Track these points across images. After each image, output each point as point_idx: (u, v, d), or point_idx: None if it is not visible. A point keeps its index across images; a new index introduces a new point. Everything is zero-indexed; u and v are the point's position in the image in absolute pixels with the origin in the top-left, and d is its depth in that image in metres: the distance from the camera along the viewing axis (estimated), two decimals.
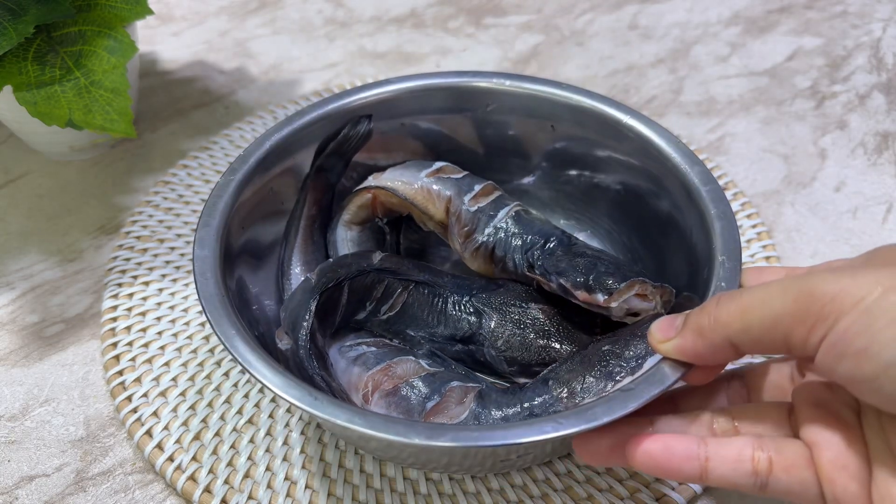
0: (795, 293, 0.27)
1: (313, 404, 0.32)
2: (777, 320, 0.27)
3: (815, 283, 0.26)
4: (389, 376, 0.40)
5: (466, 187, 0.46)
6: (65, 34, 0.53)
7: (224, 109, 0.69)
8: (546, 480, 0.42)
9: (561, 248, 0.42)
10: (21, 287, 0.54)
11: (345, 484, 0.43)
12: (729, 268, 0.37)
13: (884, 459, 0.27)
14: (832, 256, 0.55)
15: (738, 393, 0.35)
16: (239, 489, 0.42)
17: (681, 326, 0.31)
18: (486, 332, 0.43)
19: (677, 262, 0.44)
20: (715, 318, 0.29)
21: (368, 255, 0.44)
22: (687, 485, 0.42)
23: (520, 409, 0.37)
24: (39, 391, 0.48)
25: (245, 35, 0.79)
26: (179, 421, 0.45)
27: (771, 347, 0.28)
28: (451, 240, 0.46)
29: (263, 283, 0.46)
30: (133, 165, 0.64)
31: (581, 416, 0.31)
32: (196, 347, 0.49)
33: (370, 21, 0.81)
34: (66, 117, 0.52)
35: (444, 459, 0.38)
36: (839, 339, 0.25)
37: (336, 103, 0.48)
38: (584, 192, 0.51)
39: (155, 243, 0.56)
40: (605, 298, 0.38)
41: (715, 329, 0.29)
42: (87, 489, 0.43)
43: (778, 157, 0.63)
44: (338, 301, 0.42)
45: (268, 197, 0.47)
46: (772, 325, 0.27)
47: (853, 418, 0.29)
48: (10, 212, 0.60)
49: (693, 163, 0.43)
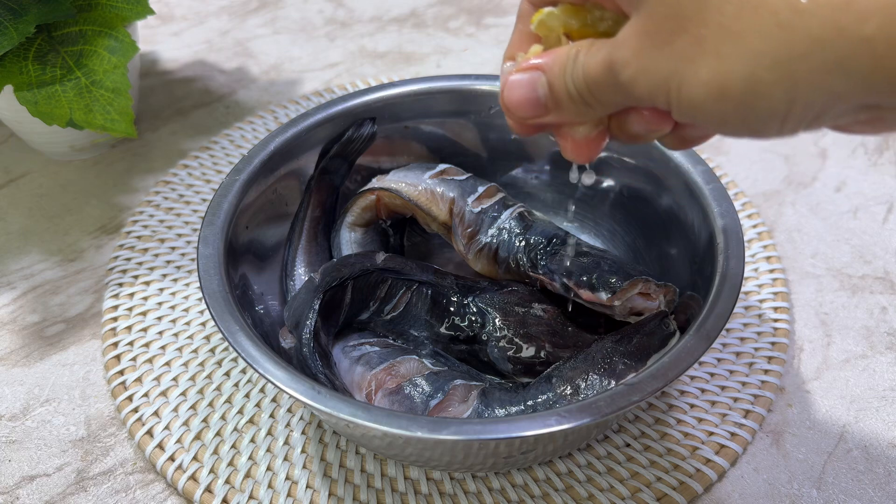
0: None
1: (316, 398, 0.32)
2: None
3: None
4: (393, 375, 0.40)
5: (470, 189, 0.46)
6: (66, 34, 0.53)
7: (224, 109, 0.69)
8: (547, 480, 0.42)
9: (564, 249, 0.42)
10: (22, 287, 0.54)
11: (346, 484, 0.43)
12: (732, 265, 0.37)
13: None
14: (833, 256, 0.55)
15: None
16: (240, 489, 0.42)
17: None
18: (489, 332, 0.43)
19: (680, 261, 0.44)
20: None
21: (372, 256, 0.44)
22: (688, 485, 0.42)
23: (523, 407, 0.37)
24: (40, 391, 0.48)
25: (245, 35, 0.79)
26: (180, 421, 0.45)
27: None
28: (455, 241, 0.46)
29: (267, 284, 0.46)
30: (133, 165, 0.64)
31: (585, 411, 0.31)
32: (197, 347, 0.49)
33: (371, 21, 0.81)
34: (67, 117, 0.52)
35: (445, 457, 0.38)
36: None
37: (339, 106, 0.48)
38: (588, 193, 0.51)
39: (156, 243, 0.56)
40: (608, 297, 0.38)
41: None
42: (88, 489, 0.43)
43: (779, 157, 0.63)
44: (341, 301, 0.42)
45: (272, 199, 0.47)
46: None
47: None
48: (11, 212, 0.60)
49: (696, 162, 0.43)
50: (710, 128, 0.24)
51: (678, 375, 0.32)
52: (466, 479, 0.42)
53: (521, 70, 0.28)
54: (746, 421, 0.45)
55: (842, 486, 0.42)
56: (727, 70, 0.21)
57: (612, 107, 0.27)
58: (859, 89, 0.20)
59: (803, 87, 0.21)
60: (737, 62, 0.21)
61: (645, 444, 0.44)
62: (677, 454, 0.43)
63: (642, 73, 0.24)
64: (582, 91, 0.26)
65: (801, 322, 0.51)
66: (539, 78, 0.28)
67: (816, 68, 0.20)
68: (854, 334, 0.50)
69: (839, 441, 0.44)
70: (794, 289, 0.53)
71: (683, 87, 0.23)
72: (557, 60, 0.27)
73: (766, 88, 0.21)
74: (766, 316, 0.50)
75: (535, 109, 0.28)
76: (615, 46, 0.25)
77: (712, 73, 0.22)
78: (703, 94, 0.22)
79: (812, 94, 0.21)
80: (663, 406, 0.46)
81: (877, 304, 0.51)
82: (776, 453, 0.44)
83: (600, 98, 0.26)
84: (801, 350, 0.49)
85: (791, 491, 0.42)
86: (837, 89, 0.20)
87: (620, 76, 0.25)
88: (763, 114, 0.22)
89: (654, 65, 0.23)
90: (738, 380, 0.47)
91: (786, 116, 0.22)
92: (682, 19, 0.22)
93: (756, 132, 0.23)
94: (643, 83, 0.24)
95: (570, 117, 0.28)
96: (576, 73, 0.26)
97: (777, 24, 0.20)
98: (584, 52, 0.26)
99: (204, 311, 0.51)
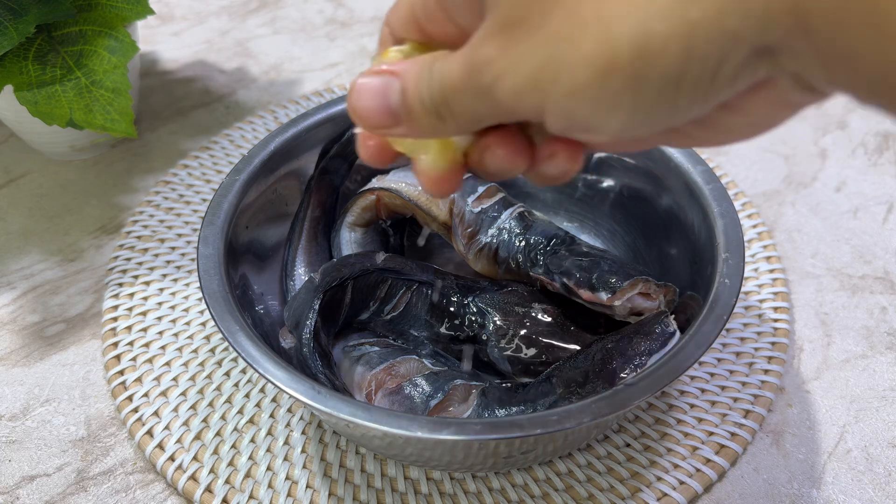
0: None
1: (316, 398, 0.32)
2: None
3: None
4: (393, 375, 0.40)
5: (470, 189, 0.46)
6: (66, 34, 0.53)
7: (225, 109, 0.69)
8: (547, 480, 0.42)
9: (564, 249, 0.42)
10: (22, 287, 0.54)
11: (346, 483, 0.43)
12: (732, 265, 0.37)
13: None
14: (833, 256, 0.55)
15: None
16: (240, 489, 0.42)
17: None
18: (489, 332, 0.43)
19: (680, 261, 0.44)
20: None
21: (372, 256, 0.44)
22: (688, 484, 0.42)
23: (523, 407, 0.37)
24: (40, 391, 0.48)
25: (246, 35, 0.79)
26: (180, 421, 0.45)
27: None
28: (455, 241, 0.46)
29: (267, 284, 0.46)
30: (133, 165, 0.64)
31: (585, 411, 0.31)
32: (197, 347, 0.49)
33: (371, 21, 0.81)
34: (67, 117, 0.52)
35: (445, 457, 0.38)
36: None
37: (340, 106, 0.48)
38: (587, 193, 0.51)
39: (156, 243, 0.56)
40: (608, 297, 0.38)
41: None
42: (88, 489, 0.43)
43: (779, 157, 0.63)
44: (341, 301, 0.42)
45: (272, 199, 0.47)
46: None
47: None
48: (11, 212, 0.60)
49: (696, 162, 0.43)
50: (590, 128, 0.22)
51: (678, 375, 0.32)
52: (466, 479, 0.42)
53: (373, 73, 0.25)
54: (746, 421, 0.45)
55: (842, 486, 0.42)
56: (614, 35, 0.19)
57: (467, 121, 0.24)
58: (755, 26, 0.18)
59: (698, 30, 0.18)
60: (624, 22, 0.19)
61: (645, 444, 0.44)
62: (677, 454, 0.43)
63: (509, 69, 0.21)
64: (437, 100, 0.24)
65: (801, 322, 0.51)
66: (392, 83, 0.25)
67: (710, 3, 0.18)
68: (854, 334, 0.50)
69: (839, 441, 0.44)
70: (794, 289, 0.53)
71: (563, 73, 0.20)
72: (414, 66, 0.25)
73: (660, 44, 0.19)
74: (766, 316, 0.50)
75: (385, 118, 0.25)
76: (475, 47, 0.22)
77: (596, 44, 0.19)
78: (587, 75, 0.20)
79: (708, 39, 0.19)
80: (663, 406, 0.46)
81: (877, 304, 0.52)
82: (776, 453, 0.44)
83: (455, 109, 0.24)
84: (801, 350, 0.49)
85: (791, 491, 0.42)
86: (732, 26, 0.18)
87: (483, 78, 0.22)
88: (657, 81, 0.19)
89: (523, 56, 0.21)
90: (738, 380, 0.47)
91: (680, 78, 0.19)
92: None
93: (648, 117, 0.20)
94: (509, 82, 0.21)
95: (423, 132, 0.26)
96: (432, 79, 0.24)
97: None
98: (442, 58, 0.24)
99: (204, 311, 0.51)
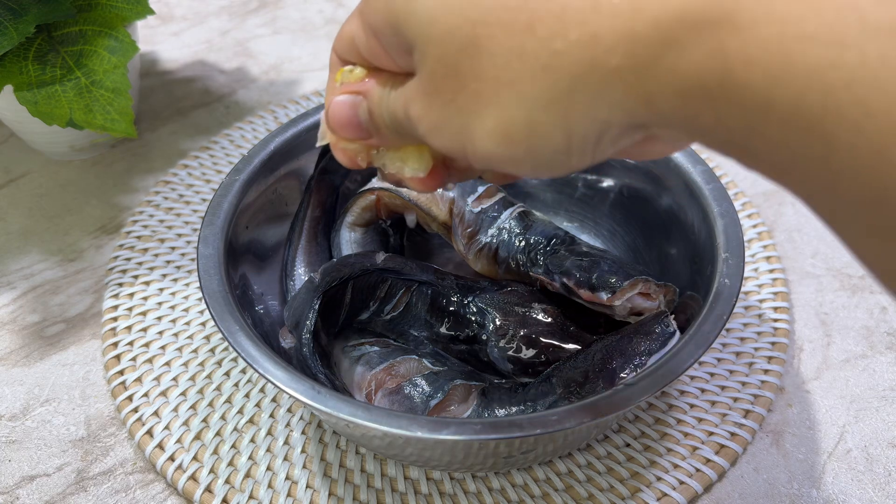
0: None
1: (316, 398, 0.32)
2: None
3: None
4: (392, 375, 0.40)
5: (470, 189, 0.46)
6: (65, 34, 0.53)
7: (224, 109, 0.69)
8: (547, 480, 0.42)
9: (564, 249, 0.42)
10: (22, 287, 0.54)
11: (346, 483, 0.43)
12: (732, 265, 0.37)
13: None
14: (833, 256, 0.55)
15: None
16: (240, 489, 0.42)
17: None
18: (489, 332, 0.43)
19: (680, 261, 0.44)
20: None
21: (372, 255, 0.44)
22: (688, 484, 0.42)
23: (523, 407, 0.37)
24: (40, 391, 0.48)
25: (245, 35, 0.79)
26: (180, 421, 0.45)
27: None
28: (455, 241, 0.46)
29: (267, 284, 0.46)
30: (133, 165, 0.64)
31: (585, 411, 0.31)
32: (197, 347, 0.49)
33: None
34: (67, 117, 0.52)
35: (446, 457, 0.38)
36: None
37: None
38: (587, 193, 0.51)
39: (156, 243, 0.56)
40: (608, 297, 0.38)
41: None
42: (88, 489, 0.43)
43: None
44: (341, 300, 0.42)
45: (272, 199, 0.47)
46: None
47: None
48: (11, 212, 0.60)
49: (695, 162, 0.43)
50: (508, 171, 0.25)
51: (678, 375, 0.32)
52: (466, 479, 0.42)
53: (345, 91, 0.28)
54: (746, 421, 0.45)
55: (842, 486, 0.42)
56: (509, 117, 0.22)
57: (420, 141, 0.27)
58: (621, 114, 0.21)
59: (575, 120, 0.22)
60: (515, 109, 0.22)
61: (645, 444, 0.44)
62: (677, 454, 0.43)
63: (435, 130, 0.25)
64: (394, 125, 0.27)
65: (801, 322, 0.51)
66: (361, 103, 0.28)
67: (582, 101, 0.21)
68: (854, 334, 0.50)
69: (839, 441, 0.44)
70: (794, 289, 0.53)
71: (475, 140, 0.23)
72: (375, 89, 0.28)
73: (544, 127, 0.22)
74: (766, 316, 0.50)
75: (358, 132, 0.29)
76: (409, 100, 0.25)
77: (496, 122, 0.23)
78: (492, 143, 0.23)
79: (584, 126, 0.22)
80: (663, 406, 0.46)
81: (877, 304, 0.52)
82: (776, 453, 0.44)
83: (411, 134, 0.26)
84: (801, 350, 0.49)
85: (791, 491, 0.42)
86: (603, 117, 0.22)
87: (417, 128, 0.25)
88: (548, 151, 0.23)
89: (442, 123, 0.24)
90: (738, 380, 0.47)
91: (569, 150, 0.23)
92: (460, 76, 0.23)
93: (550, 169, 0.24)
94: (436, 139, 0.25)
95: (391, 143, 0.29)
96: (389, 107, 0.27)
97: (541, 68, 0.21)
98: (392, 91, 0.27)
99: (204, 311, 0.51)
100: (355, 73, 0.29)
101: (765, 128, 0.19)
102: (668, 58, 0.20)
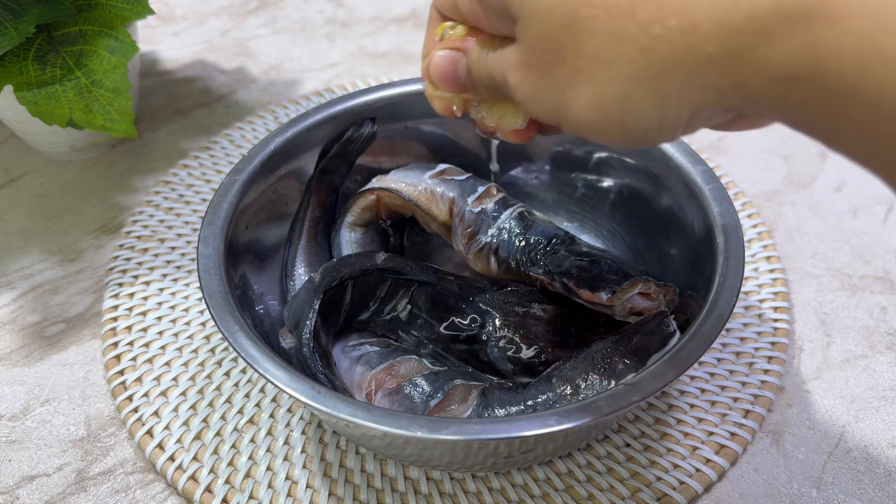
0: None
1: (316, 398, 0.32)
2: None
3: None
4: (392, 375, 0.40)
5: (470, 189, 0.46)
6: (65, 34, 0.53)
7: (224, 109, 0.69)
8: (547, 480, 0.42)
9: (564, 249, 0.42)
10: (22, 287, 0.54)
11: (346, 483, 0.43)
12: (732, 265, 0.37)
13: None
14: (833, 256, 0.55)
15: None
16: (240, 489, 0.42)
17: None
18: (489, 332, 0.43)
19: (680, 261, 0.44)
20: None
21: (372, 255, 0.44)
22: (688, 484, 0.42)
23: (523, 407, 0.37)
24: (40, 391, 0.48)
25: (245, 35, 0.79)
26: (180, 421, 0.45)
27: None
28: (455, 241, 0.46)
29: (267, 284, 0.46)
30: (133, 165, 0.64)
31: (585, 411, 0.31)
32: (197, 347, 0.49)
33: (371, 21, 0.81)
34: (67, 117, 0.52)
35: (446, 457, 0.38)
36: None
37: (339, 106, 0.48)
38: (587, 193, 0.51)
39: (156, 243, 0.56)
40: (608, 297, 0.38)
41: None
42: (88, 489, 0.43)
43: (779, 158, 0.63)
44: (341, 301, 0.42)
45: (272, 199, 0.47)
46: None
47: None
48: (11, 212, 0.60)
49: (695, 162, 0.43)
50: (598, 141, 0.27)
51: (678, 375, 0.32)
52: (466, 479, 0.42)
53: (446, 47, 0.30)
54: (746, 421, 0.45)
55: (842, 486, 0.42)
56: (604, 93, 0.24)
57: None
58: (713, 97, 0.23)
59: (669, 101, 0.23)
60: (610, 86, 0.24)
61: (645, 444, 0.44)
62: (677, 454, 0.43)
63: (531, 99, 0.27)
64: (491, 85, 0.29)
65: (801, 322, 0.51)
66: (460, 59, 0.30)
67: (676, 83, 0.23)
68: (854, 334, 0.50)
69: (839, 441, 0.44)
70: (794, 289, 0.53)
71: (570, 111, 0.25)
72: (475, 48, 0.29)
73: (638, 106, 0.24)
74: (766, 316, 0.50)
75: (456, 86, 0.31)
76: (508, 67, 0.27)
77: (591, 97, 0.24)
78: (586, 116, 0.25)
79: (678, 106, 0.24)
80: (663, 406, 0.46)
81: (877, 304, 0.51)
82: (776, 453, 0.44)
83: (507, 96, 0.28)
84: (801, 350, 0.49)
85: (791, 491, 0.42)
86: (696, 98, 0.23)
87: (514, 96, 0.27)
88: (641, 128, 0.25)
89: (539, 92, 0.26)
90: (738, 380, 0.47)
91: (660, 127, 0.24)
92: (560, 52, 0.25)
93: (638, 142, 0.26)
94: (533, 107, 0.27)
95: (486, 99, 0.31)
96: (487, 68, 0.29)
97: (639, 50, 0.23)
98: (492, 52, 0.29)
99: (204, 311, 0.51)
100: (457, 31, 0.31)
101: (850, 112, 0.20)
102: (761, 47, 0.21)
